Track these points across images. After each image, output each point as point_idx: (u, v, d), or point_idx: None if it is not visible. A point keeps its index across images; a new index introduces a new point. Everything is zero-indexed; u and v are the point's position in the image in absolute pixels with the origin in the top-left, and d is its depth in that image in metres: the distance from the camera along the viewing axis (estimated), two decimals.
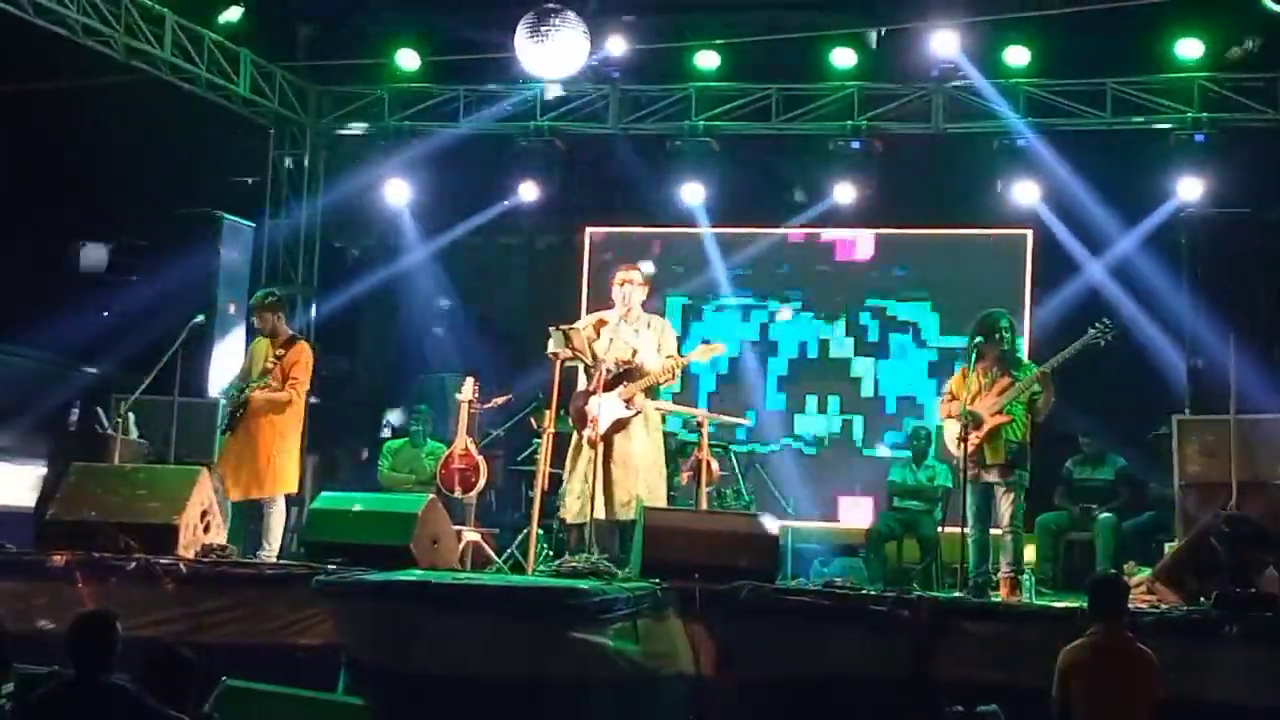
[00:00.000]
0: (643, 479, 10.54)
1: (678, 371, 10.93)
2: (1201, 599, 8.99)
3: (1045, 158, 14.03)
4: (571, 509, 10.68)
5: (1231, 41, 13.46)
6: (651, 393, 10.75)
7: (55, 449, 12.39)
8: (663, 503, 10.74)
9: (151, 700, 5.89)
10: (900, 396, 15.09)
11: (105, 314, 14.55)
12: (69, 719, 5.89)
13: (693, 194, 14.95)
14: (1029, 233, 14.66)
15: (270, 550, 10.74)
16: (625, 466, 10.53)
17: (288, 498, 11.21)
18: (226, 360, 13.76)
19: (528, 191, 15.28)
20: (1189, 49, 13.52)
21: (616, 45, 14.29)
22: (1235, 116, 13.63)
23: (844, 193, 14.60)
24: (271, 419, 11.04)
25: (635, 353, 10.64)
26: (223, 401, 11.62)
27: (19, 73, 13.97)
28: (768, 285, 15.52)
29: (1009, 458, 10.13)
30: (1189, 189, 13.61)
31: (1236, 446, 10.57)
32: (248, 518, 11.13)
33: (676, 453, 12.47)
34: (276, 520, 10.95)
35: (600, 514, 10.38)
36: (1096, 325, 10.29)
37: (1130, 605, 8.23)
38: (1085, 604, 7.94)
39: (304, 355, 11.18)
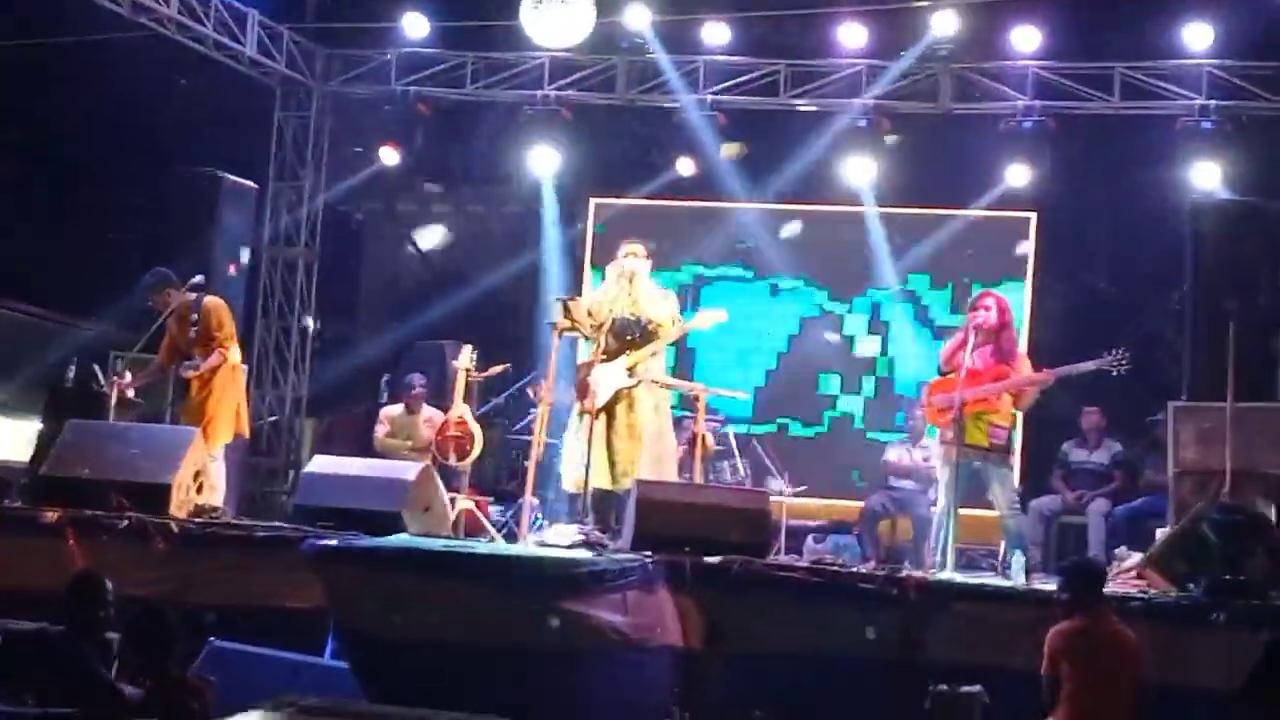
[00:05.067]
0: (647, 449, 10.53)
1: (677, 336, 10.96)
2: (1191, 586, 8.97)
3: (1052, 141, 13.97)
4: (569, 478, 10.70)
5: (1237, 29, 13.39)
6: (656, 360, 10.75)
7: (51, 405, 12.38)
8: (672, 472, 10.73)
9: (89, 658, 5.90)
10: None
11: None
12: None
13: (691, 166, 14.92)
14: (1033, 216, 14.61)
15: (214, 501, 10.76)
16: (627, 436, 10.52)
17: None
18: None
19: (542, 162, 15.23)
20: (1198, 35, 13.46)
21: (637, 17, 14.22)
22: (1244, 104, 13.56)
23: (850, 170, 14.56)
24: (209, 383, 11.22)
25: (638, 323, 10.63)
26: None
27: (25, 28, 13.93)
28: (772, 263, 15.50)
29: (992, 440, 10.12)
30: (1197, 176, 13.54)
31: (1233, 434, 10.55)
32: None
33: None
34: (218, 471, 10.99)
35: (599, 484, 10.40)
36: (1113, 354, 10.20)
37: (1121, 589, 8.24)
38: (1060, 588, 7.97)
39: (215, 313, 11.36)
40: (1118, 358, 10.12)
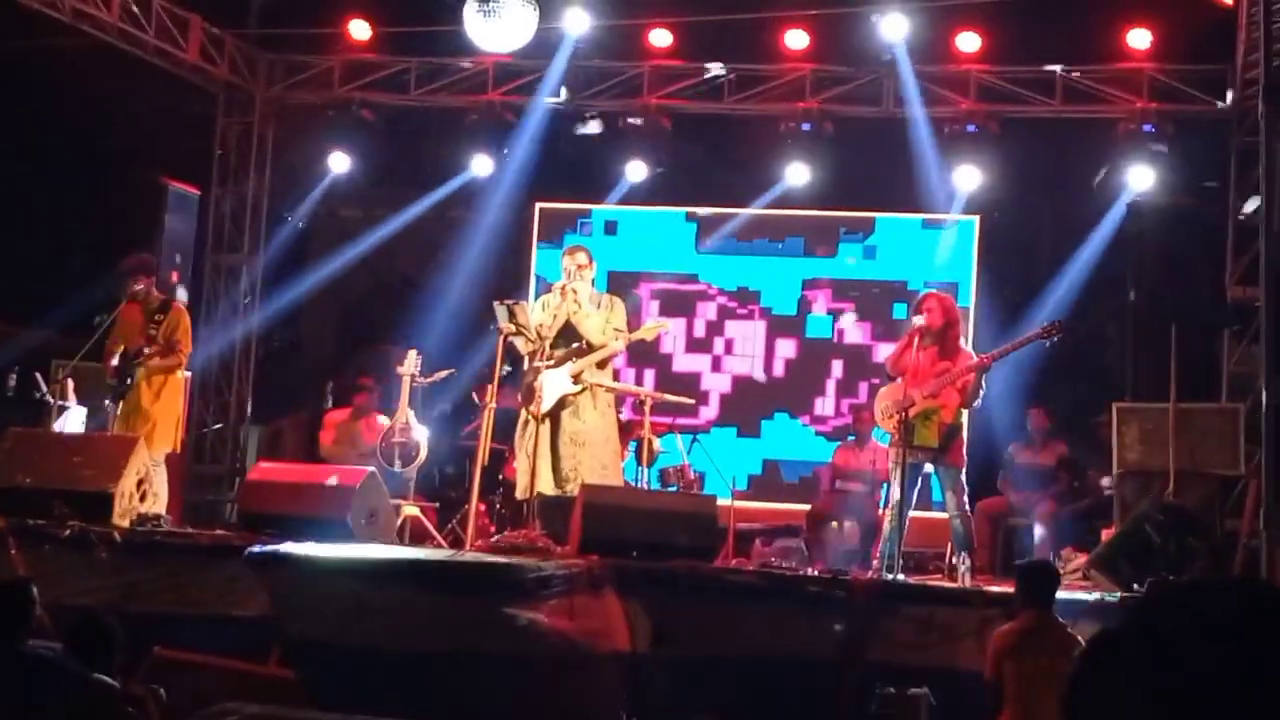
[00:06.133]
0: (591, 455, 10.52)
1: (623, 346, 10.95)
2: (1135, 586, 9.03)
3: (994, 144, 14.04)
4: (518, 484, 10.68)
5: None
6: (603, 369, 10.74)
7: None
8: (618, 478, 10.73)
9: (76, 665, 5.85)
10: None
11: None
12: None
13: (642, 172, 14.92)
14: (976, 218, 14.67)
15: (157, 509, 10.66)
16: (573, 442, 10.51)
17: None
18: None
19: (479, 165, 15.22)
20: (1138, 39, 13.55)
21: (577, 22, 14.18)
22: (1184, 108, 13.66)
23: (795, 174, 14.59)
24: (156, 386, 11.09)
25: (583, 329, 10.62)
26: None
27: None
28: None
29: (941, 441, 10.16)
30: (1136, 179, 13.62)
31: (1175, 435, 10.63)
32: None
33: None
34: (160, 479, 10.93)
35: (545, 489, 10.38)
36: (1044, 325, 10.28)
37: (1066, 591, 8.29)
38: (1015, 589, 8.01)
39: (184, 320, 11.30)
40: (1048, 329, 10.19)
